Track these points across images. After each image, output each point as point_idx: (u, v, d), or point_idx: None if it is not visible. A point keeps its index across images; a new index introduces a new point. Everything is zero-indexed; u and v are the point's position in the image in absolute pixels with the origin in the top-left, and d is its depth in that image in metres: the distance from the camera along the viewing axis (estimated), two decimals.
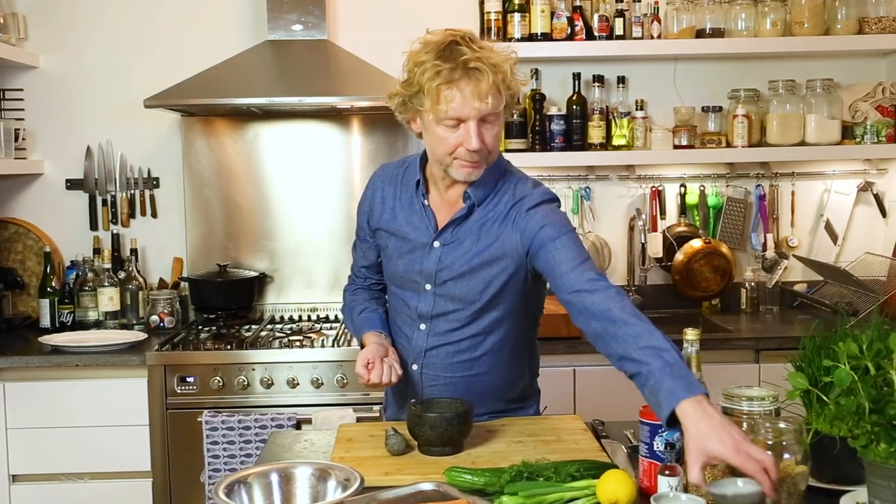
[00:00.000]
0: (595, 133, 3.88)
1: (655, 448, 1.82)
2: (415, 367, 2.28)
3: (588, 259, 2.07)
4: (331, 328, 3.77)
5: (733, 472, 1.67)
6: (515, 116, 3.84)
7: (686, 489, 1.75)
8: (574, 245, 2.08)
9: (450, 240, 2.19)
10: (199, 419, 3.26)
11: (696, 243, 4.03)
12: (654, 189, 4.04)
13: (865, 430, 1.67)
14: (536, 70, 3.94)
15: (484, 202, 2.18)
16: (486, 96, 1.98)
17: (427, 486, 1.83)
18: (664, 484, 1.73)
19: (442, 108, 2.00)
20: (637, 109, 3.93)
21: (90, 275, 3.84)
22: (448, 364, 2.25)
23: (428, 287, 2.22)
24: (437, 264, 2.20)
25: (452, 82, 1.97)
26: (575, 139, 3.90)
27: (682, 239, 4.05)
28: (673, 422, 1.71)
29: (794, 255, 4.06)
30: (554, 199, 2.21)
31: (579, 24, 3.81)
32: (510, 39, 3.79)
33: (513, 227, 2.14)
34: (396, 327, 2.34)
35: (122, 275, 3.86)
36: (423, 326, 2.26)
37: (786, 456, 1.72)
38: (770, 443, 1.73)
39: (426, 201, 2.23)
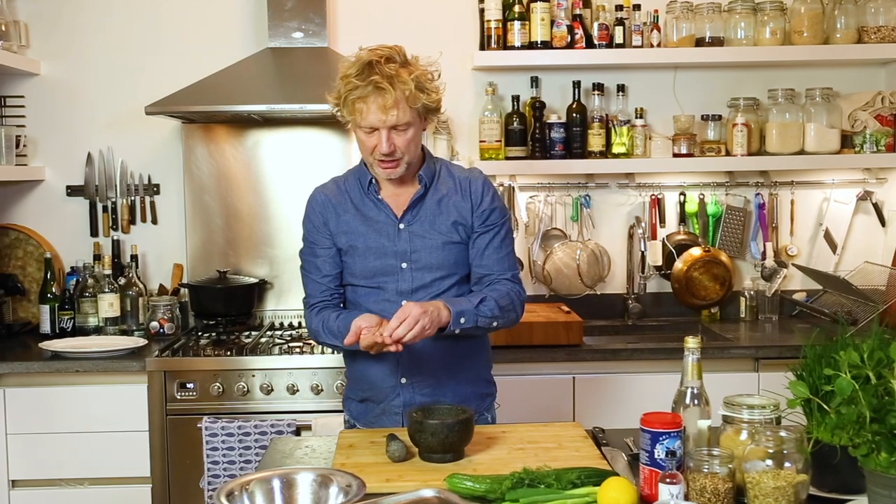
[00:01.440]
0: (595, 141, 3.89)
1: (656, 456, 1.83)
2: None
3: (511, 253, 2.52)
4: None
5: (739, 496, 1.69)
6: (515, 124, 3.86)
7: (687, 497, 1.75)
8: (505, 239, 2.50)
9: (412, 220, 2.46)
10: (198, 425, 3.26)
11: (696, 252, 4.03)
12: (653, 197, 4.05)
13: (866, 439, 1.68)
14: (536, 78, 3.95)
15: (433, 182, 2.48)
16: (391, 110, 2.29)
17: (428, 493, 1.83)
18: (665, 492, 1.74)
19: (356, 119, 2.35)
20: (637, 118, 3.94)
21: (90, 281, 3.84)
22: None
23: (404, 266, 2.45)
24: (409, 243, 2.44)
25: (362, 98, 2.31)
26: (575, 147, 3.91)
27: (682, 247, 4.06)
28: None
29: (793, 264, 4.07)
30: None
31: (579, 32, 3.82)
32: (510, 47, 3.80)
33: (466, 199, 2.47)
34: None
35: (122, 281, 3.86)
36: (405, 303, 2.37)
37: (786, 465, 1.73)
38: (771, 451, 1.74)
39: (378, 195, 2.48)
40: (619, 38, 3.84)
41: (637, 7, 3.86)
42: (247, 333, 3.78)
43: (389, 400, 2.49)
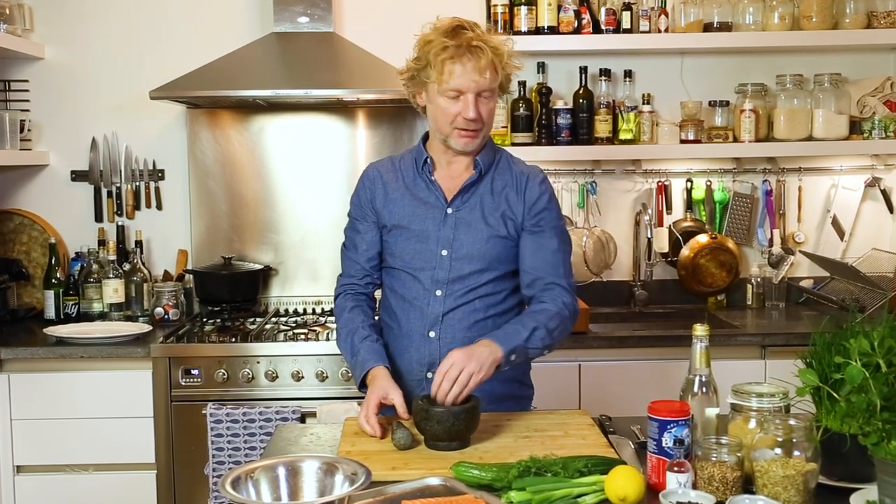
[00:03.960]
0: (601, 127, 3.87)
1: (664, 444, 1.81)
2: (432, 334, 2.35)
3: (566, 261, 2.41)
4: (335, 321, 3.76)
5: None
6: (522, 110, 3.83)
7: (695, 485, 1.74)
8: (559, 244, 2.39)
9: (461, 206, 2.37)
10: (203, 412, 3.26)
11: (703, 238, 4.02)
12: (660, 184, 4.03)
13: (876, 427, 1.67)
14: (543, 63, 3.93)
15: (489, 170, 2.39)
16: (485, 71, 2.22)
17: (434, 481, 1.82)
18: (673, 480, 1.73)
19: (445, 79, 2.23)
20: (644, 104, 3.92)
21: (95, 266, 3.83)
22: (465, 325, 2.35)
23: (444, 253, 2.35)
24: (454, 229, 2.35)
25: (456, 57, 2.22)
26: (581, 133, 3.88)
27: (688, 234, 4.04)
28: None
29: (800, 251, 4.05)
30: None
31: (586, 17, 3.80)
32: (517, 33, 3.77)
33: (520, 196, 2.38)
34: (405, 303, 2.39)
35: (126, 267, 3.85)
36: (438, 293, 2.35)
37: (796, 453, 1.72)
38: (780, 440, 1.73)
39: (432, 177, 2.39)
40: (626, 24, 3.81)
41: None
42: (251, 320, 3.77)
43: (414, 395, 2.35)
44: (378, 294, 2.54)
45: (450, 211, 2.36)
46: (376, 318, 2.52)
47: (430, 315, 2.36)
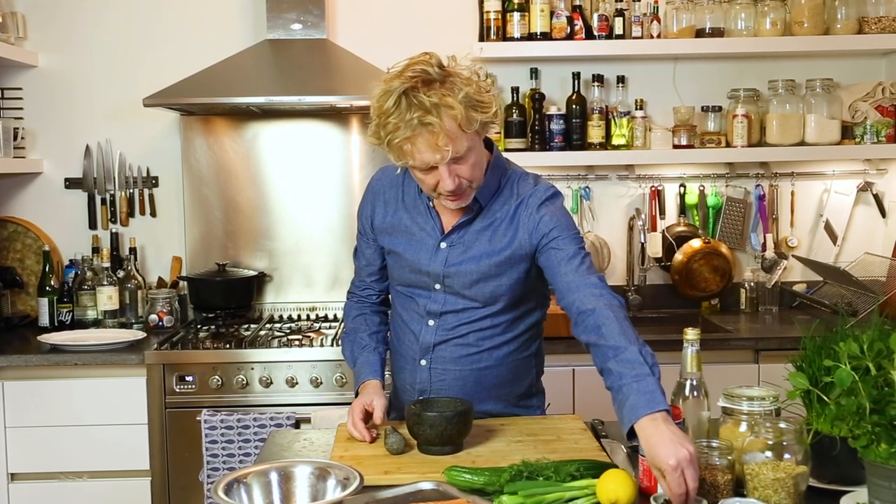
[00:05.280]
0: (594, 133, 3.88)
1: None
2: (423, 362, 2.31)
3: (590, 265, 2.12)
4: (330, 327, 3.77)
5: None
6: (515, 116, 3.84)
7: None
8: (577, 250, 2.14)
9: (456, 241, 2.23)
10: (197, 418, 3.26)
11: (696, 243, 4.02)
12: (653, 189, 4.04)
13: (866, 430, 1.67)
14: (536, 69, 3.94)
15: (489, 203, 2.21)
16: (445, 146, 1.98)
17: (426, 486, 1.82)
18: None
19: (407, 162, 2.04)
20: (636, 109, 3.93)
21: (89, 274, 3.83)
22: (456, 358, 2.28)
23: (437, 287, 2.25)
24: (443, 266, 2.23)
25: (409, 138, 1.98)
26: (574, 139, 3.89)
27: (682, 239, 4.05)
28: (634, 435, 1.80)
29: (793, 256, 4.06)
30: (558, 195, 2.25)
31: (579, 23, 3.81)
32: (510, 39, 3.79)
33: (521, 227, 2.19)
34: (403, 324, 2.36)
35: (121, 274, 3.85)
36: (431, 323, 2.29)
37: (786, 456, 1.72)
38: (770, 443, 1.73)
39: (431, 203, 2.25)
40: (618, 29, 3.83)
41: None
42: (246, 326, 3.77)
43: None
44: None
45: (443, 245, 2.23)
46: (388, 317, 2.51)
47: (422, 343, 2.30)
